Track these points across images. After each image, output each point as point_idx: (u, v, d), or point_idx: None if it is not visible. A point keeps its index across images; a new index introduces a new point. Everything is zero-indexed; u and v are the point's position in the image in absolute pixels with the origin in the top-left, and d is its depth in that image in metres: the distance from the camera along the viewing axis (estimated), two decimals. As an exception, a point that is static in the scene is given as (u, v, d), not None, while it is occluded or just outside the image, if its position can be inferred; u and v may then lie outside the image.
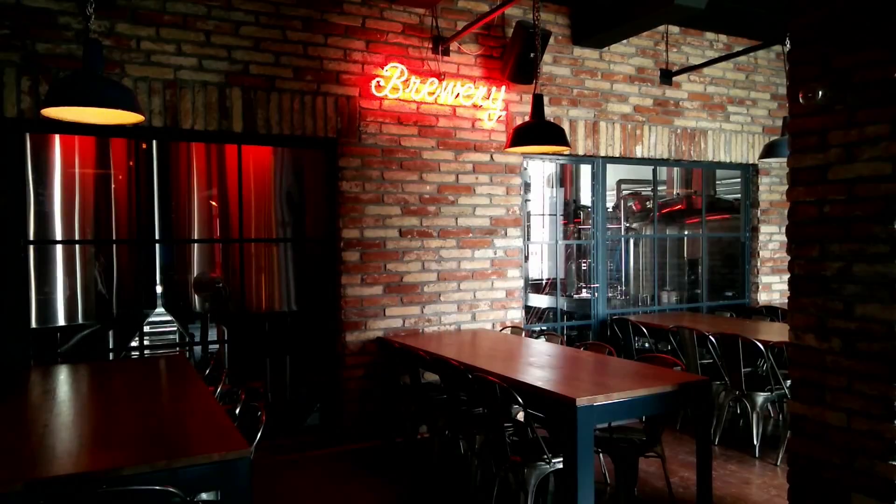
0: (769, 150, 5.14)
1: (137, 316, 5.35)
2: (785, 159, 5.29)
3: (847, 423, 2.92)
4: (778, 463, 4.47)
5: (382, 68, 5.00)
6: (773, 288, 7.12)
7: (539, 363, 3.85)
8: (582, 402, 3.00)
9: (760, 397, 4.69)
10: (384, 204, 5.04)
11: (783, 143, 5.04)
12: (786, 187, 6.84)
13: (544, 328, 6.56)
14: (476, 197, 5.41)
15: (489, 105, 5.40)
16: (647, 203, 9.11)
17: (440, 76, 5.19)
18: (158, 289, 5.48)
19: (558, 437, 3.71)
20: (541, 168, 8.44)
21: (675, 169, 9.14)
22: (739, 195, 7.96)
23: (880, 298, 2.78)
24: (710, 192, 8.84)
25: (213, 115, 4.49)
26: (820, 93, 2.89)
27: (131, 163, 5.41)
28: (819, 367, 3.04)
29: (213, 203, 5.58)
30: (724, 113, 6.72)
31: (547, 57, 5.61)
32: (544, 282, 8.73)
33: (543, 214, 8.85)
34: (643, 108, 6.22)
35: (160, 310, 5.43)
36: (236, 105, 4.56)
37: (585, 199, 8.58)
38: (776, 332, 4.99)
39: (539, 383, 3.26)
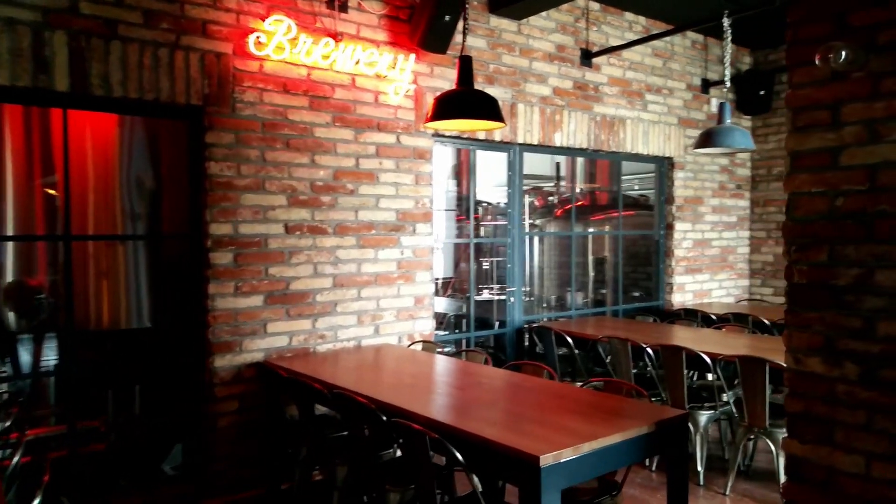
0: (706, 139, 4.64)
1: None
2: (721, 150, 4.85)
3: (865, 469, 2.34)
4: (726, 492, 3.95)
5: (264, 21, 3.97)
6: (686, 289, 6.78)
7: (472, 397, 3.03)
8: (547, 459, 2.21)
9: (704, 416, 4.16)
10: (266, 192, 4.02)
11: (722, 131, 4.56)
12: (699, 182, 6.51)
13: (453, 339, 5.77)
14: (380, 186, 4.50)
15: (395, 76, 4.51)
16: (550, 198, 8.60)
17: (337, 37, 4.24)
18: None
19: (493, 490, 2.92)
20: (440, 157, 7.65)
21: (580, 162, 8.68)
22: (640, 191, 7.61)
23: (914, 315, 2.22)
24: (614, 189, 8.48)
25: (23, 67, 3.27)
26: (843, 53, 2.27)
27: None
28: (827, 399, 2.44)
29: (51, 191, 4.27)
30: (643, 101, 6.25)
31: (460, 25, 4.80)
32: (441, 283, 7.98)
33: (440, 210, 8.09)
34: (563, 90, 5.59)
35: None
36: (60, 55, 3.37)
37: (483, 193, 7.92)
38: (717, 342, 4.50)
39: (489, 433, 2.43)
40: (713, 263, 7.06)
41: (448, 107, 3.18)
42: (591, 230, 7.82)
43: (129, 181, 4.29)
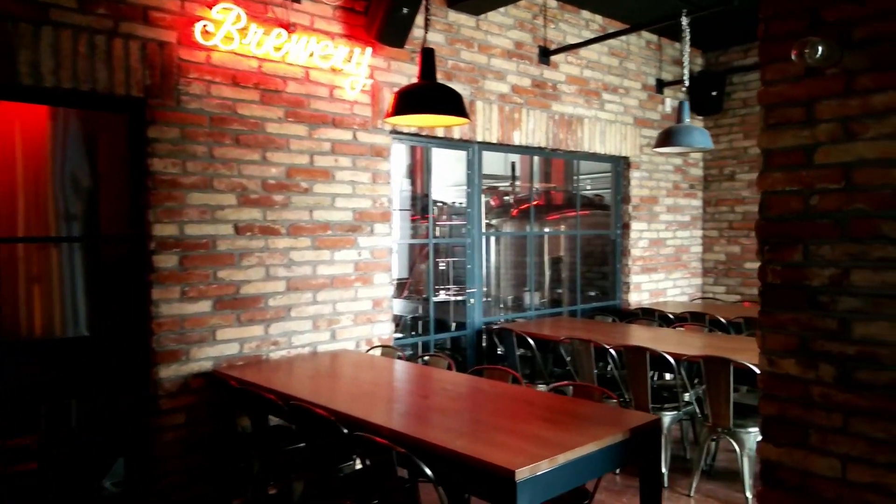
0: (666, 138, 4.62)
1: None
2: (681, 149, 4.84)
3: (842, 472, 2.30)
4: (691, 493, 3.92)
5: (211, 9, 3.73)
6: (642, 288, 6.80)
7: (437, 405, 2.89)
8: (523, 473, 2.08)
9: (668, 417, 4.13)
10: (214, 191, 3.78)
11: (682, 130, 4.54)
12: (655, 182, 6.54)
13: (413, 342, 5.62)
14: (336, 184, 4.31)
15: (351, 70, 4.33)
16: (506, 198, 8.54)
17: (289, 27, 4.03)
18: None
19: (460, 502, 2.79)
20: (395, 156, 7.47)
21: (535, 162, 8.64)
22: (593, 191, 7.61)
23: (890, 315, 2.18)
24: (569, 188, 8.47)
25: (-59, 51, 2.97)
26: (819, 49, 2.23)
27: None
28: (802, 402, 2.39)
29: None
30: (600, 100, 6.22)
31: (418, 19, 4.65)
32: (397, 284, 7.80)
33: (396, 210, 7.91)
34: (521, 88, 5.50)
35: None
36: (-17, 40, 3.08)
37: (437, 193, 7.79)
38: (678, 342, 4.48)
39: (459, 446, 2.29)
40: (668, 262, 7.11)
41: (410, 101, 3.02)
42: (546, 230, 7.78)
43: (64, 179, 3.98)
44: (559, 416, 2.66)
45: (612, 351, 4.28)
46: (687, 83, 4.75)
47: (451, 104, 3.02)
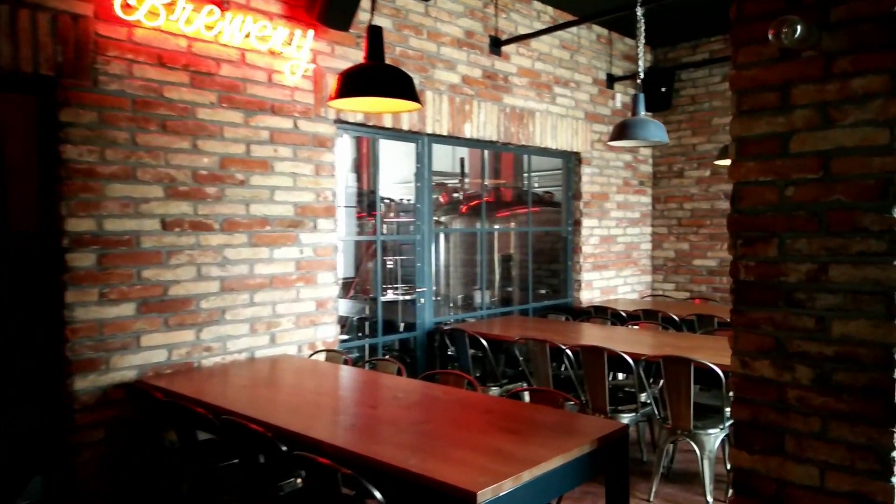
0: (621, 131, 4.48)
1: None
2: (636, 142, 4.71)
3: (820, 480, 2.16)
4: (651, 498, 3.79)
5: (133, -20, 3.37)
6: (594, 285, 6.70)
7: (387, 416, 2.64)
8: (485, 494, 1.86)
9: (626, 419, 3.98)
10: (138, 182, 3.42)
11: (637, 123, 4.41)
12: (605, 178, 6.44)
13: (360, 345, 5.33)
14: (275, 176, 4.00)
15: (292, 54, 4.02)
16: (455, 195, 8.33)
17: (223, 5, 3.69)
18: None
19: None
20: (339, 150, 7.15)
21: (485, 157, 8.46)
22: (542, 187, 7.50)
23: (871, 313, 2.05)
24: (518, 185, 8.34)
25: None
26: (798, 28, 2.08)
27: None
28: (777, 406, 2.25)
29: None
30: (551, 94, 6.08)
31: (364, 2, 4.38)
32: (342, 283, 7.49)
33: (342, 205, 7.59)
34: (472, 79, 5.29)
35: None
36: None
37: (383, 189, 7.52)
38: (635, 341, 4.35)
39: (412, 464, 2.04)
40: (618, 260, 7.03)
41: (356, 83, 2.75)
42: (497, 227, 7.60)
43: (-37, 168, 3.54)
44: (521, 425, 2.44)
45: (569, 351, 4.11)
46: (642, 75, 4.63)
47: (401, 87, 2.76)
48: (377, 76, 2.75)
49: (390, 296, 6.53)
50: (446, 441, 2.29)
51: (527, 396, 3.41)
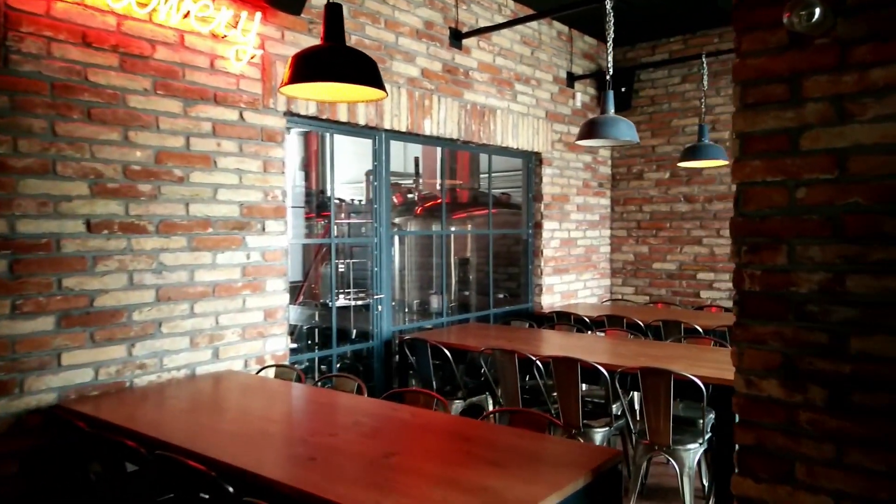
0: (590, 130, 4.26)
1: None
2: (606, 142, 4.51)
3: (834, 511, 1.97)
4: (627, 517, 3.58)
5: (52, -54, 2.94)
6: (554, 290, 6.50)
7: (349, 446, 2.31)
8: (474, 549, 1.57)
9: (599, 434, 3.76)
10: (58, 177, 2.99)
11: (608, 121, 4.20)
12: (566, 180, 6.24)
13: (311, 357, 4.97)
14: (218, 173, 3.61)
15: (237, 38, 3.64)
16: (409, 196, 8.03)
17: (158, -20, 3.30)
18: None
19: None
20: (288, 145, 6.74)
21: (439, 157, 8.18)
22: (499, 188, 7.30)
23: (893, 328, 1.86)
24: (474, 185, 8.10)
25: None
26: (816, 12, 1.87)
27: None
28: (787, 430, 2.04)
29: None
30: (512, 91, 5.84)
31: (317, -15, 4.04)
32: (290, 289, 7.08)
33: (291, 206, 7.17)
34: (432, 72, 5.00)
35: None
36: None
37: (335, 188, 7.16)
38: (606, 350, 4.14)
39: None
40: (578, 263, 6.86)
41: (312, 66, 2.42)
42: (457, 229, 7.33)
43: None
44: (504, 455, 2.16)
45: (539, 363, 3.87)
46: (611, 70, 4.43)
47: (365, 72, 2.45)
48: (337, 59, 2.43)
49: (341, 301, 6.17)
50: (422, 478, 1.99)
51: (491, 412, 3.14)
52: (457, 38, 5.20)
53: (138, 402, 2.97)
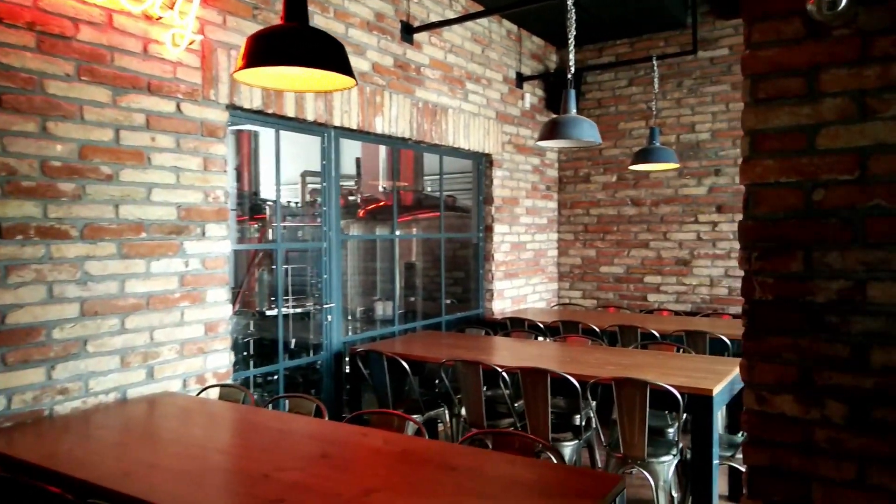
0: (552, 130, 4.10)
1: None
2: (569, 142, 4.36)
3: (856, 537, 1.83)
4: (600, 535, 3.40)
5: None
6: (505, 295, 6.33)
7: (317, 484, 2.01)
8: None
9: (568, 448, 3.59)
10: (-39, 174, 2.55)
11: (571, 121, 4.06)
12: (515, 182, 6.08)
13: (256, 374, 4.59)
14: (153, 171, 3.22)
15: (174, 21, 3.27)
16: (351, 198, 7.71)
17: (82, -51, 2.89)
18: None
19: None
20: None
21: (383, 158, 7.89)
22: (446, 191, 7.11)
23: (919, 339, 1.75)
24: (418, 188, 7.85)
25: None
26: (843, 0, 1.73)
27: None
28: (803, 449, 1.90)
29: None
30: (464, 90, 5.64)
31: (262, -33, 3.70)
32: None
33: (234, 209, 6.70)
34: (383, 68, 4.72)
35: None
36: None
37: (267, 191, 6.76)
38: (573, 360, 3.98)
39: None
40: (528, 267, 6.72)
41: (273, 47, 2.12)
42: (410, 233, 7.05)
43: None
44: (499, 488, 1.92)
45: (505, 374, 3.66)
46: (573, 69, 4.28)
47: (334, 56, 2.16)
48: (302, 41, 2.13)
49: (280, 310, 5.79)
50: (410, 520, 1.73)
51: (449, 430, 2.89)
52: (408, 31, 4.94)
53: (60, 435, 2.56)
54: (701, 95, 6.38)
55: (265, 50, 2.13)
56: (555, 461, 2.26)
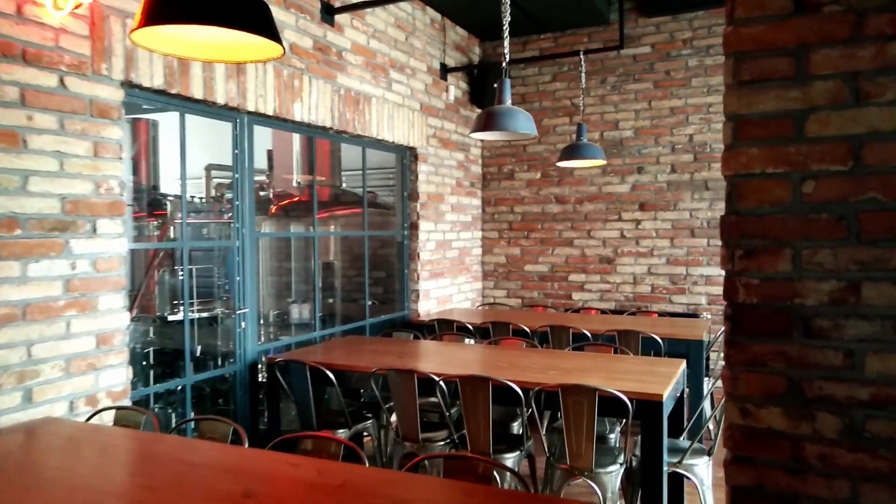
0: (487, 121, 3.85)
1: None
2: (505, 135, 4.14)
3: (848, 560, 1.68)
4: (544, 552, 3.19)
5: None
6: (431, 295, 6.06)
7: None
8: None
9: (510, 459, 3.36)
10: None
11: (506, 112, 3.82)
12: (440, 178, 5.83)
13: (157, 391, 4.07)
14: (29, 156, 2.71)
15: (55, -21, 2.77)
16: (262, 193, 7.21)
17: None
18: None
19: None
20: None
21: (296, 151, 7.42)
22: (365, 187, 6.78)
23: (918, 344, 1.61)
24: (336, 182, 7.46)
25: None
26: (844, -31, 1.56)
27: None
28: (791, 466, 1.73)
29: None
30: (388, 79, 5.31)
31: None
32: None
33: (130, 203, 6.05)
34: (302, 50, 4.33)
35: None
36: None
37: (168, 185, 6.19)
38: (512, 364, 3.75)
39: None
40: (453, 266, 6.49)
41: (178, 4, 1.73)
42: (314, 230, 6.62)
43: None
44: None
45: (442, 383, 3.38)
46: (507, 58, 4.06)
47: (255, 16, 1.80)
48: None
49: (181, 315, 5.27)
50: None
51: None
52: (329, 13, 4.57)
53: None
54: (624, 93, 6.36)
55: (170, 4, 1.75)
56: (520, 488, 2.00)
